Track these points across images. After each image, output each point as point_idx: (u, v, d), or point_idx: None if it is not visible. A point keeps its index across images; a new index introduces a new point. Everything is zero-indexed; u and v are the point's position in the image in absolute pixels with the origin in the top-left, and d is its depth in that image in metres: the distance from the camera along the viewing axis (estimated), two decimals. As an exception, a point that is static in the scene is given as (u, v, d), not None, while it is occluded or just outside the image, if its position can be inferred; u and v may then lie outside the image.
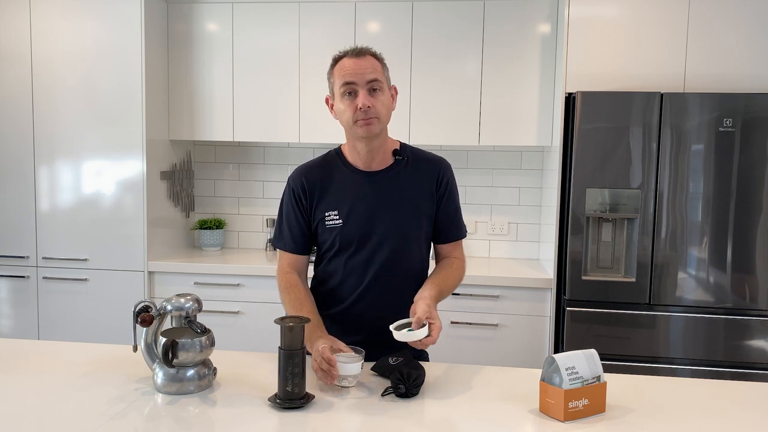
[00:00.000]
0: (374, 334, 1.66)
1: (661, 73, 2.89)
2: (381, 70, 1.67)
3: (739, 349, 2.78)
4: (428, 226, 1.77)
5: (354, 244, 1.71)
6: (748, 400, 1.50)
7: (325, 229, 1.73)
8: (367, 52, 1.67)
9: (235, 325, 3.19)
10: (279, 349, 1.43)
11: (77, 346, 1.81)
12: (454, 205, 1.80)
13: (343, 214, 1.71)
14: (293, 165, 3.65)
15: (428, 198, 1.75)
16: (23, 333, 3.29)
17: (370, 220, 1.70)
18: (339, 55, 1.68)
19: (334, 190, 1.73)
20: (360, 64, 1.63)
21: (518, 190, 3.54)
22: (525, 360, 2.98)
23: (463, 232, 1.84)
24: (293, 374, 1.40)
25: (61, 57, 3.18)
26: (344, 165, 1.75)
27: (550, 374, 1.37)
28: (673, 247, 2.79)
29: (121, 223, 3.22)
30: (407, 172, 1.75)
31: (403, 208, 1.72)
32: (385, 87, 1.67)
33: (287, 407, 1.39)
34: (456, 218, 1.81)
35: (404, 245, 1.73)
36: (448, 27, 3.20)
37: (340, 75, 1.64)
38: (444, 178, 1.76)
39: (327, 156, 1.80)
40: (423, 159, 1.78)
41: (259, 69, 3.33)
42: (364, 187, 1.72)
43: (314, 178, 1.75)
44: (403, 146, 1.79)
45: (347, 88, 1.63)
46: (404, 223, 1.72)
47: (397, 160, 1.75)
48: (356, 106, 1.62)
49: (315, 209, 1.74)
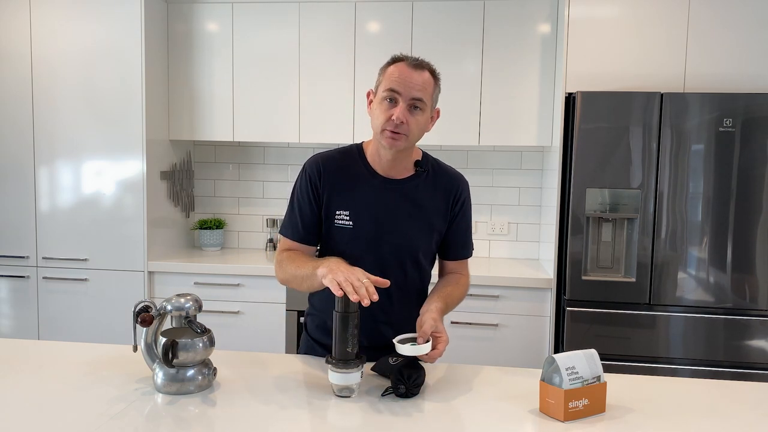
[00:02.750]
0: (375, 341, 1.67)
1: (661, 73, 2.89)
2: (431, 90, 1.61)
3: (739, 349, 2.79)
4: (437, 241, 1.74)
5: (361, 249, 1.66)
6: (748, 400, 1.50)
7: (333, 228, 1.68)
8: (426, 66, 1.60)
9: (235, 325, 3.19)
10: (335, 312, 1.45)
11: (77, 346, 1.81)
12: (465, 224, 1.77)
13: (355, 217, 1.66)
14: (293, 165, 3.67)
15: (441, 214, 1.71)
16: (23, 333, 3.29)
17: (381, 228, 1.66)
18: (398, 57, 1.62)
19: (348, 188, 1.67)
20: (413, 77, 1.57)
21: (518, 190, 3.54)
22: (525, 360, 2.98)
23: (470, 251, 1.81)
24: (352, 335, 1.45)
25: (61, 57, 3.18)
26: (364, 165, 1.70)
27: (550, 374, 1.37)
28: (673, 247, 2.78)
29: (121, 223, 3.22)
30: (425, 186, 1.70)
31: (415, 221, 1.68)
32: (428, 108, 1.61)
33: (343, 368, 1.44)
34: (466, 237, 1.78)
35: (411, 258, 1.70)
36: (448, 27, 3.20)
37: (389, 79, 1.58)
38: (461, 197, 1.73)
39: (348, 150, 1.73)
40: (443, 174, 1.74)
41: (259, 69, 3.34)
42: (380, 194, 1.67)
43: (332, 168, 1.68)
44: (425, 157, 1.74)
45: (390, 95, 1.57)
46: (414, 236, 1.69)
47: (418, 172, 1.71)
48: (390, 115, 1.57)
49: (327, 201, 1.68)
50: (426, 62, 1.62)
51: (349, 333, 1.45)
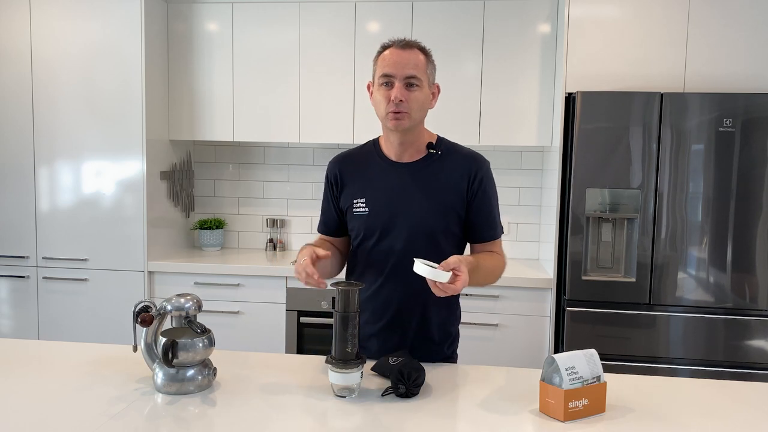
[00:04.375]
0: (391, 328, 1.72)
1: (661, 73, 2.89)
2: (424, 66, 1.64)
3: (739, 349, 2.78)
4: (456, 222, 1.71)
5: (377, 234, 1.70)
6: (748, 400, 1.50)
7: (353, 217, 1.74)
8: (414, 45, 1.65)
9: (235, 325, 3.19)
10: (335, 312, 1.46)
11: (77, 346, 1.81)
12: (488, 204, 1.73)
13: (370, 203, 1.71)
14: (293, 165, 3.67)
15: (457, 194, 1.70)
16: (23, 333, 3.29)
17: (393, 211, 1.69)
18: (386, 44, 1.67)
19: (364, 178, 1.74)
20: (403, 57, 1.62)
21: (518, 190, 3.54)
22: (525, 360, 2.98)
23: (498, 232, 1.78)
24: (352, 335, 1.45)
25: (61, 57, 3.18)
26: (378, 155, 1.76)
27: (550, 374, 1.37)
28: (673, 247, 2.78)
29: (121, 223, 3.22)
30: (438, 166, 1.72)
31: (428, 201, 1.69)
32: (425, 84, 1.65)
33: (344, 368, 1.45)
34: (491, 217, 1.75)
35: (426, 239, 1.69)
36: (448, 27, 3.20)
37: (381, 65, 1.64)
38: (477, 175, 1.70)
39: (365, 145, 1.82)
40: (457, 154, 1.74)
41: (259, 69, 3.34)
42: (392, 178, 1.72)
43: (347, 167, 1.78)
44: (439, 140, 1.76)
45: (385, 80, 1.63)
46: (428, 217, 1.68)
47: (430, 153, 1.73)
48: (389, 96, 1.62)
49: (343, 197, 1.77)
50: (414, 41, 1.67)
51: (349, 333, 1.45)
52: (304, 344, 3.15)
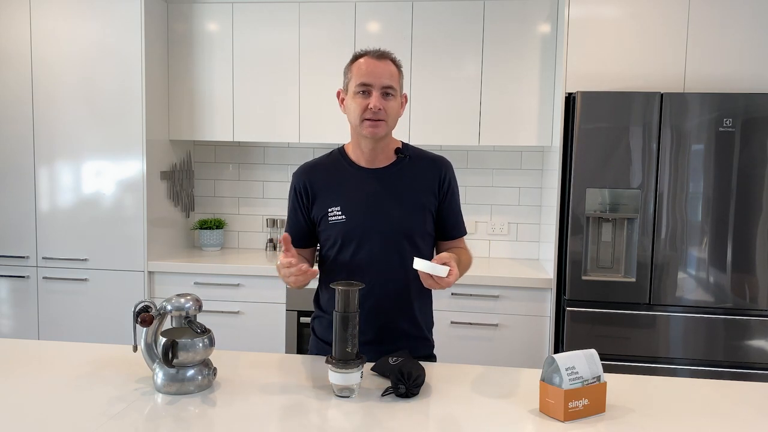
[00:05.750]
0: (382, 333, 1.72)
1: (661, 73, 2.89)
2: (397, 77, 1.71)
3: (739, 349, 2.79)
4: (431, 222, 1.79)
5: (356, 240, 1.72)
6: (748, 400, 1.50)
7: (328, 225, 1.75)
8: (388, 56, 1.70)
9: (235, 325, 3.19)
10: (335, 312, 1.47)
11: (77, 346, 1.81)
12: (456, 203, 1.83)
13: (347, 210, 1.73)
14: (293, 165, 3.67)
15: (431, 195, 1.77)
16: (23, 333, 3.29)
17: (373, 215, 1.72)
18: (360, 53, 1.71)
19: (336, 186, 1.76)
20: (379, 67, 1.67)
21: (518, 190, 3.54)
22: (525, 360, 2.98)
23: (464, 230, 1.88)
24: (352, 335, 1.45)
25: (61, 57, 3.18)
26: (347, 163, 1.79)
27: (550, 374, 1.37)
28: (673, 247, 2.79)
29: (121, 223, 3.22)
30: (409, 170, 1.77)
31: (406, 203, 1.74)
32: (398, 95, 1.71)
33: (345, 368, 1.44)
34: (459, 216, 1.85)
35: (405, 241, 1.73)
36: (448, 27, 3.20)
37: (357, 74, 1.67)
38: (446, 177, 1.79)
39: (330, 154, 1.84)
40: (425, 158, 1.81)
41: (259, 69, 3.34)
42: (366, 184, 1.75)
43: (316, 176, 1.79)
44: (405, 145, 1.82)
45: (362, 88, 1.66)
46: (405, 219, 1.73)
47: (399, 158, 1.78)
48: (367, 105, 1.66)
49: (316, 206, 1.77)
50: (387, 52, 1.72)
51: (349, 333, 1.45)
52: (304, 344, 3.14)
